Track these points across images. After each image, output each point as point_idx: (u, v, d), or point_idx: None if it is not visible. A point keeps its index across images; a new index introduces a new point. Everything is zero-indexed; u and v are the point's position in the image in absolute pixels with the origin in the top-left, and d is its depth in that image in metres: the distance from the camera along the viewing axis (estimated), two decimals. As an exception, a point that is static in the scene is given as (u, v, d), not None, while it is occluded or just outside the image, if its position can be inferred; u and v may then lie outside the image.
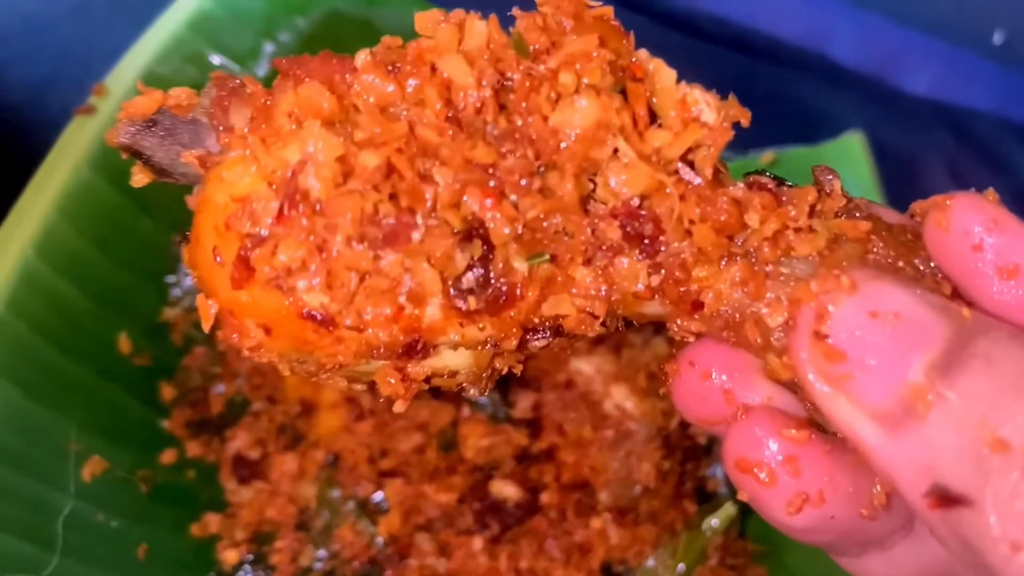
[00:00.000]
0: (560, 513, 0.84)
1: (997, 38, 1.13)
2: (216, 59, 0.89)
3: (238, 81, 0.47)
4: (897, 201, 0.98)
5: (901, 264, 0.44)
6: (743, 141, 1.03)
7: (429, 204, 0.43)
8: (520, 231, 0.44)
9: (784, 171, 0.51)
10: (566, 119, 0.44)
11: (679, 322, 0.47)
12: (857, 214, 0.46)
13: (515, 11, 0.46)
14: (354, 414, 0.89)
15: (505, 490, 0.85)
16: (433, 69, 0.44)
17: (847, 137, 0.98)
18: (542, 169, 0.44)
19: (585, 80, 0.44)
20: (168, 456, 0.85)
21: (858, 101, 1.14)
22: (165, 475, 0.84)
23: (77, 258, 0.81)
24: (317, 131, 0.43)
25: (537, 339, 0.48)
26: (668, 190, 0.44)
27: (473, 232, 0.44)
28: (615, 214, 0.45)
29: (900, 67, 1.15)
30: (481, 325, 0.45)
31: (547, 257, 0.45)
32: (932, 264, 0.44)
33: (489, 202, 0.43)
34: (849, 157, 0.95)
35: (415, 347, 0.45)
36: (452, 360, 0.48)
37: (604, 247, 0.45)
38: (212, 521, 0.84)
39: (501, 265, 0.45)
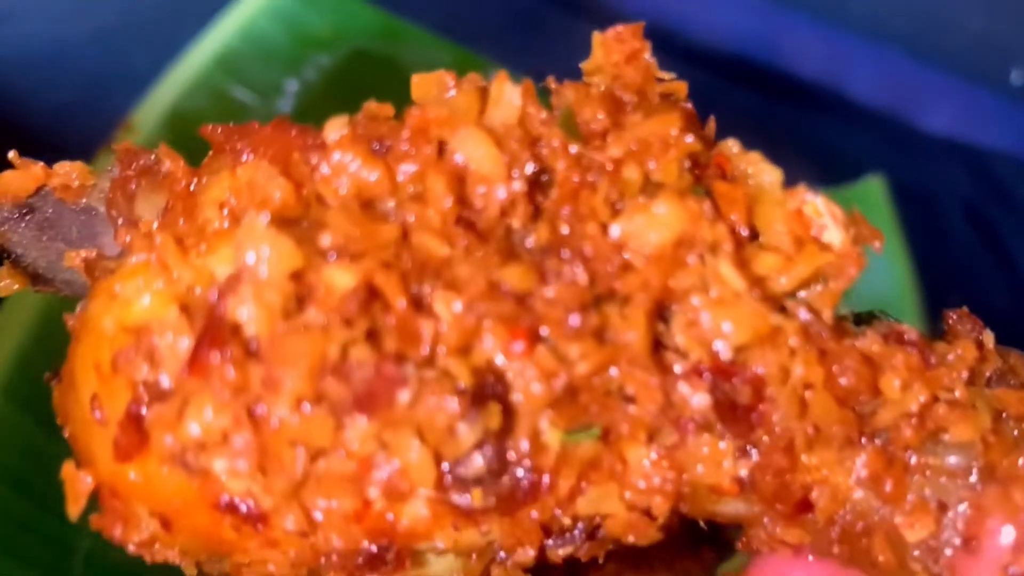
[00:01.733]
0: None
1: (1015, 78, 1.13)
2: (239, 92, 0.90)
3: (152, 157, 0.35)
4: (914, 241, 0.98)
5: None
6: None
7: (426, 348, 0.29)
8: (559, 391, 0.30)
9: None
10: (636, 229, 0.30)
11: (770, 528, 0.32)
12: (1011, 379, 0.32)
13: (551, 81, 0.34)
14: None
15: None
16: (441, 149, 0.31)
17: (867, 181, 0.98)
18: (598, 302, 0.30)
19: (658, 177, 0.31)
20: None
21: (875, 140, 1.15)
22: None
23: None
24: (261, 230, 0.29)
25: (561, 544, 0.33)
26: (783, 341, 0.30)
27: (488, 391, 0.30)
28: (700, 371, 0.30)
29: (918, 106, 1.16)
30: (485, 528, 0.31)
31: (595, 432, 0.31)
32: None
33: (518, 347, 0.29)
34: (869, 201, 0.95)
35: (382, 557, 0.31)
36: (433, 566, 0.33)
37: (681, 420, 0.30)
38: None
39: (525, 442, 0.30)
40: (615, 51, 0.34)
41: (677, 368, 0.30)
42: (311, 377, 0.29)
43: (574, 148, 0.31)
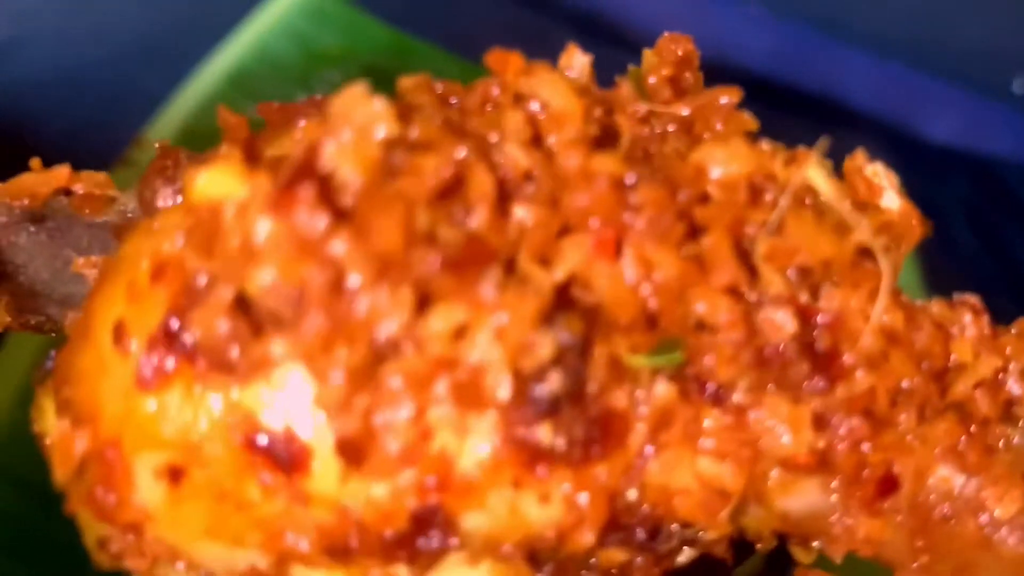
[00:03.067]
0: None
1: (1017, 86, 1.14)
2: (251, 110, 0.91)
3: (185, 154, 0.35)
4: (919, 250, 0.99)
5: None
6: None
7: (506, 251, 0.27)
8: (641, 307, 0.28)
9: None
10: (714, 156, 0.29)
11: (847, 523, 0.29)
12: None
13: (631, 66, 0.34)
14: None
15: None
16: (518, 99, 0.30)
17: (872, 189, 0.99)
18: (681, 221, 0.29)
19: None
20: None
21: (879, 149, 1.15)
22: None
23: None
24: (359, 93, 0.28)
25: (617, 543, 0.29)
26: (865, 273, 0.28)
27: (570, 300, 0.27)
28: (782, 301, 0.29)
29: (921, 115, 1.16)
30: (546, 491, 0.27)
31: (679, 355, 0.28)
32: None
33: (601, 250, 0.27)
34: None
35: (426, 527, 0.27)
36: None
37: (762, 355, 0.28)
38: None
39: (602, 372, 0.27)
40: (670, 51, 0.34)
41: (759, 298, 0.29)
42: (403, 240, 0.26)
43: (642, 108, 0.31)
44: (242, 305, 0.27)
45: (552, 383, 0.26)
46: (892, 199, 0.31)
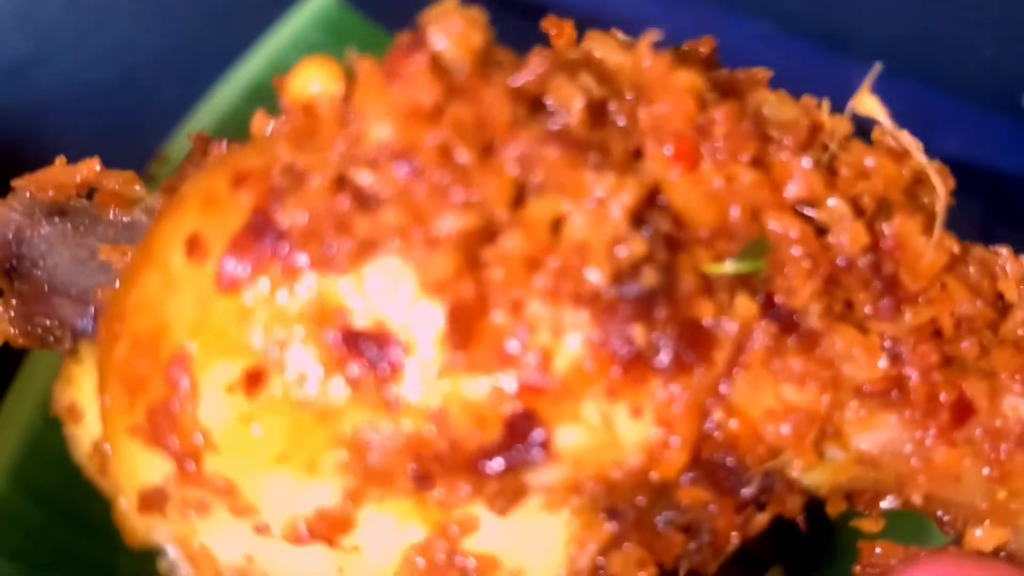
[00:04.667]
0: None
1: (1024, 101, 1.15)
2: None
3: (222, 144, 0.33)
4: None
5: None
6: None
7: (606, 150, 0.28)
8: (721, 219, 0.29)
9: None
10: (767, 102, 0.32)
11: (923, 455, 0.29)
12: None
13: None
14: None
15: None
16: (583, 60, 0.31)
17: (882, 202, 0.99)
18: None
19: None
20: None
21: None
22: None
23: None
24: (452, 3, 0.29)
25: (695, 482, 0.29)
26: (923, 194, 0.30)
27: (655, 204, 0.28)
28: (850, 216, 0.30)
29: (930, 131, 1.17)
30: (639, 403, 0.27)
31: (763, 263, 0.29)
32: None
33: (681, 157, 0.28)
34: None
35: (521, 437, 0.26)
36: (533, 544, 0.27)
37: (838, 267, 0.29)
38: None
39: (689, 276, 0.28)
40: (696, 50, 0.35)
41: (832, 217, 0.30)
42: (510, 114, 0.26)
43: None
44: (342, 187, 0.26)
45: (646, 279, 0.27)
46: (921, 158, 0.32)
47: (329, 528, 0.28)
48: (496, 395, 0.26)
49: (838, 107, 1.29)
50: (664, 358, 0.27)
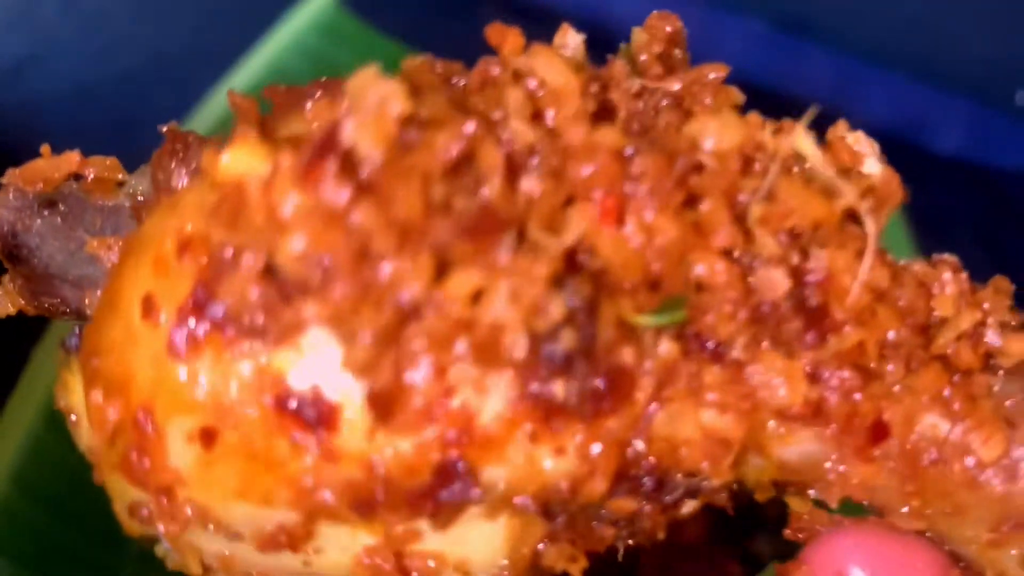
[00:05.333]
0: None
1: (1020, 98, 1.15)
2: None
3: (192, 137, 0.35)
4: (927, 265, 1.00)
5: None
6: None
7: (516, 222, 0.29)
8: (644, 270, 0.29)
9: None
10: (706, 130, 0.31)
11: (840, 468, 0.31)
12: None
13: (622, 45, 0.35)
14: None
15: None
16: (516, 77, 0.32)
17: (880, 202, 0.99)
18: (678, 185, 0.31)
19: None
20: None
21: (887, 162, 1.16)
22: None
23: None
24: (372, 74, 0.28)
25: (626, 493, 0.31)
26: (851, 234, 0.30)
27: (578, 264, 0.29)
28: (776, 261, 0.30)
29: (927, 128, 1.17)
30: (561, 444, 0.29)
31: (683, 313, 0.30)
32: None
33: (604, 217, 0.29)
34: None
35: (449, 480, 0.29)
36: (475, 547, 0.31)
37: (759, 310, 0.30)
38: None
39: (609, 330, 0.29)
40: (659, 28, 0.35)
41: (754, 261, 0.31)
42: (420, 208, 0.27)
43: (635, 83, 0.32)
44: (269, 274, 0.28)
45: (564, 341, 0.28)
46: (873, 165, 0.33)
47: (290, 539, 0.31)
48: (422, 449, 0.29)
49: (836, 104, 1.28)
50: (583, 405, 0.29)
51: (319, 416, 0.28)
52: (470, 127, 0.28)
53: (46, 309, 0.35)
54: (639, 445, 0.31)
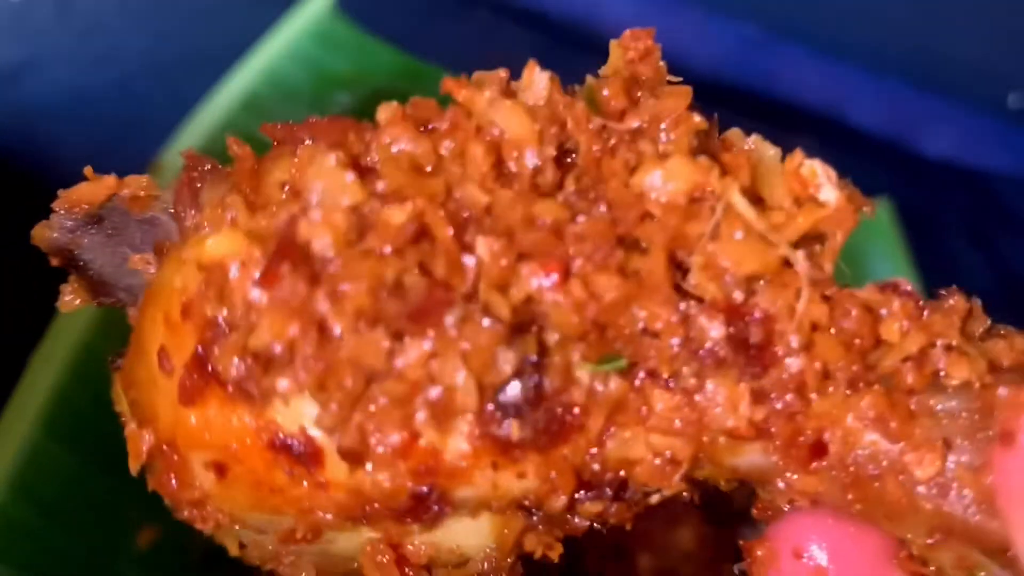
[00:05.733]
0: (600, 577, 0.84)
1: (1012, 101, 1.15)
2: (263, 134, 0.92)
3: (211, 164, 0.38)
4: (920, 264, 1.00)
5: None
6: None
7: (469, 283, 0.32)
8: (588, 324, 0.32)
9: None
10: (653, 181, 0.33)
11: (786, 479, 0.34)
12: (1001, 337, 0.34)
13: (588, 77, 0.36)
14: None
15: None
16: (478, 129, 0.34)
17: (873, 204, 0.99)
18: (622, 243, 0.33)
19: (669, 149, 0.34)
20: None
21: (878, 165, 1.16)
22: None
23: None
24: (328, 167, 0.32)
25: (592, 499, 0.35)
26: (790, 279, 0.33)
27: (525, 324, 0.32)
28: (716, 307, 0.33)
29: (919, 131, 1.18)
30: (522, 470, 0.33)
31: (623, 362, 0.33)
32: None
33: (550, 280, 0.32)
34: (875, 224, 0.96)
35: (425, 501, 0.33)
36: (465, 537, 0.35)
37: (700, 351, 0.32)
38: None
39: (559, 376, 0.32)
40: (631, 48, 0.37)
41: (695, 306, 0.33)
42: (372, 295, 0.31)
43: (596, 122, 0.34)
44: (248, 349, 0.33)
45: (515, 391, 0.32)
46: (829, 193, 0.34)
47: (304, 537, 0.36)
48: (397, 480, 0.33)
49: (828, 109, 1.28)
50: (538, 441, 0.32)
51: (307, 455, 0.33)
52: (423, 202, 0.32)
53: (109, 304, 0.40)
54: (595, 466, 0.34)
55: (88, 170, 0.38)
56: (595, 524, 0.37)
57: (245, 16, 1.03)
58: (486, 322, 0.32)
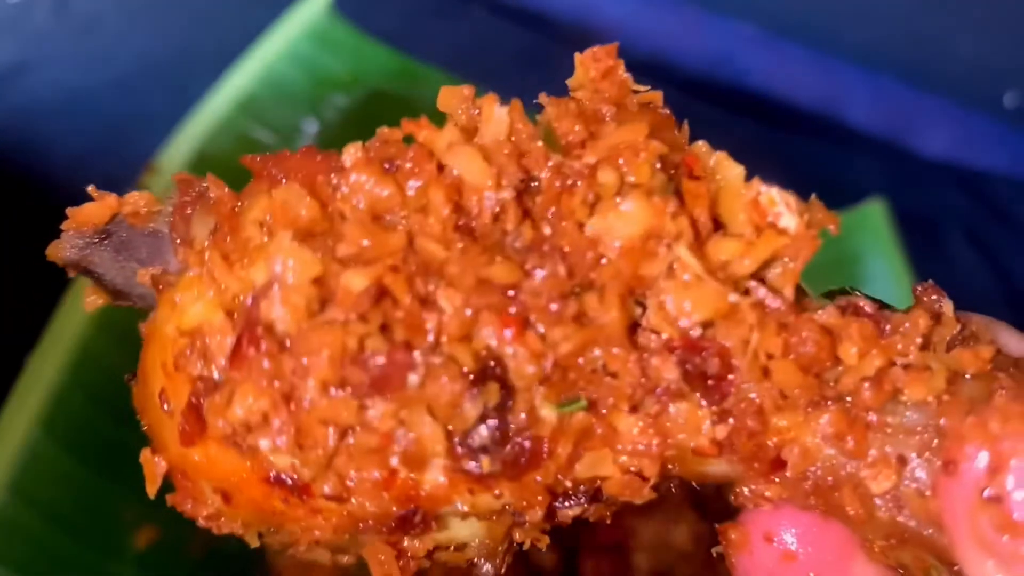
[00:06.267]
0: (597, 576, 0.84)
1: (1008, 101, 1.16)
2: (261, 134, 0.93)
3: (204, 185, 0.39)
4: (916, 265, 1.00)
5: None
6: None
7: (431, 337, 0.33)
8: (548, 370, 0.34)
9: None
10: (608, 226, 0.34)
11: (751, 487, 0.36)
12: (972, 342, 0.35)
13: (542, 97, 0.36)
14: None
15: (543, 556, 0.85)
16: (440, 167, 0.35)
17: (868, 204, 0.99)
18: (577, 291, 0.34)
19: (631, 179, 0.34)
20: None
21: (874, 165, 1.16)
22: (217, 539, 0.85)
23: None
24: (287, 245, 0.34)
25: (569, 506, 0.36)
26: (743, 317, 0.34)
27: (488, 372, 0.34)
28: (671, 347, 0.34)
29: (914, 130, 1.18)
30: (497, 492, 0.35)
31: (583, 403, 0.34)
32: None
33: (509, 333, 0.33)
34: (871, 224, 0.96)
35: (411, 520, 0.35)
36: (460, 531, 0.37)
37: (657, 390, 0.34)
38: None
39: (523, 415, 0.34)
40: (592, 68, 0.37)
41: (651, 345, 0.34)
42: (334, 365, 0.33)
43: (555, 158, 0.35)
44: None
45: (481, 435, 0.34)
46: (789, 220, 0.35)
47: (309, 544, 0.39)
48: (383, 506, 0.35)
49: (826, 108, 1.28)
50: (508, 471, 0.34)
51: (297, 486, 0.35)
52: (381, 270, 0.34)
53: (127, 306, 0.42)
54: (568, 484, 0.35)
55: (92, 189, 0.39)
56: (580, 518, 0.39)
57: (242, 17, 1.03)
58: (447, 377, 0.33)
